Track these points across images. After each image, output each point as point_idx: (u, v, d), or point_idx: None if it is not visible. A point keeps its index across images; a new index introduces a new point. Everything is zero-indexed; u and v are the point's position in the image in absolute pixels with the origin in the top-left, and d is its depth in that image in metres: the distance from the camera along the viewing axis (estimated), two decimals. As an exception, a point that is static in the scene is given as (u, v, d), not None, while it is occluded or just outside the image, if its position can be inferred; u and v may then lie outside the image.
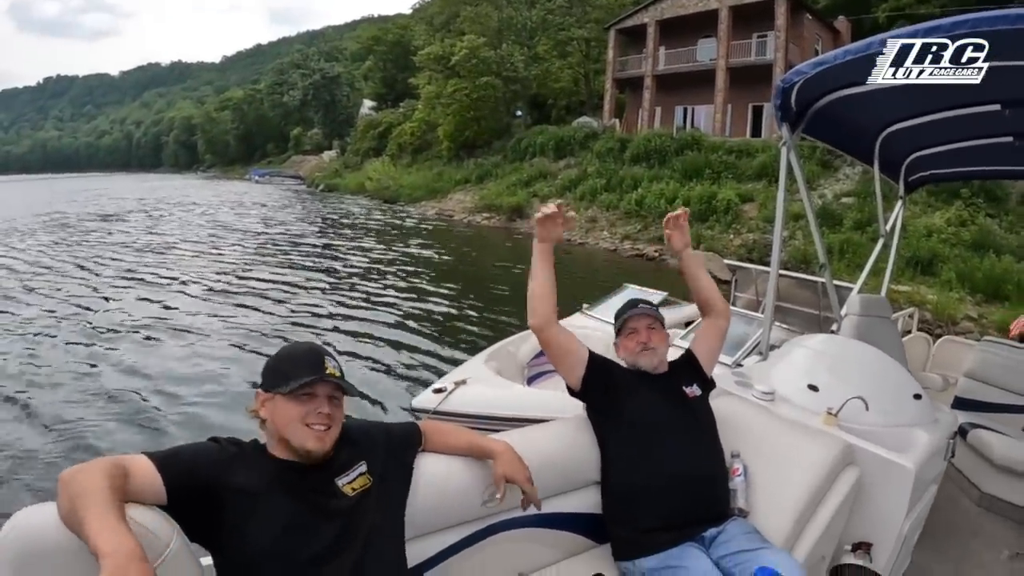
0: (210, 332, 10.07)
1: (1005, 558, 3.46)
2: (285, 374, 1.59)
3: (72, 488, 1.21)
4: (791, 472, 2.30)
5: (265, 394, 1.60)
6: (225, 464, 1.50)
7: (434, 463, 1.95)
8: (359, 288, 14.00)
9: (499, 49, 40.18)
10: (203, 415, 6.79)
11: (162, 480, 1.37)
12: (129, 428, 6.45)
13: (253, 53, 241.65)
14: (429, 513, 1.90)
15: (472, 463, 2.02)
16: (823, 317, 6.51)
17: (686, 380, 2.47)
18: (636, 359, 2.43)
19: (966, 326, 12.39)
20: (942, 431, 2.79)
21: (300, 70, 74.93)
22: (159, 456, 1.42)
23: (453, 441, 2.03)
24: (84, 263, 16.55)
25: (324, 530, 1.52)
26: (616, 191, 25.65)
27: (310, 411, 1.57)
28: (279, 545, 1.45)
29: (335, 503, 1.58)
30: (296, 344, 1.76)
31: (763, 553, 1.93)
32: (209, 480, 1.45)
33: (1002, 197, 17.76)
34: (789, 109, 3.36)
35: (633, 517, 2.19)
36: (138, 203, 37.59)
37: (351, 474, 1.65)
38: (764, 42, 29.55)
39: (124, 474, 1.30)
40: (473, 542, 2.04)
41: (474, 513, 2.03)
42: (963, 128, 3.70)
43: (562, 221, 2.28)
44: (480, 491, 2.00)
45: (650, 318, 2.49)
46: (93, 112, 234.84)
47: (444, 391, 4.71)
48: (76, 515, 1.17)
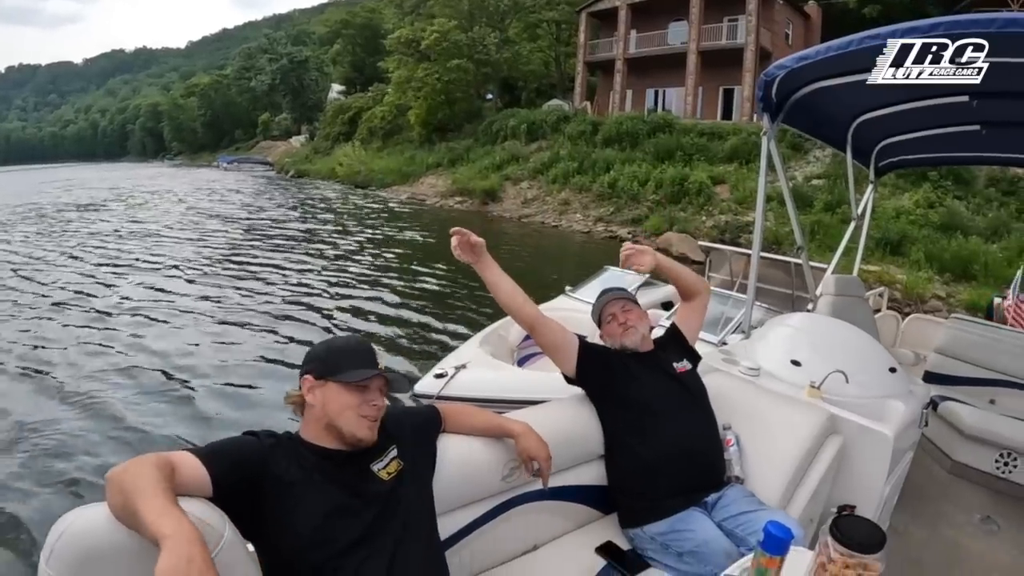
0: (214, 314, 10.23)
1: (977, 521, 3.71)
2: (340, 364, 1.66)
3: (124, 483, 1.22)
4: (781, 441, 2.48)
5: (315, 380, 1.65)
6: (266, 455, 1.54)
7: (455, 443, 2.03)
8: (346, 270, 14.08)
9: (470, 32, 39.87)
10: (225, 393, 6.98)
11: (208, 474, 1.40)
12: (168, 413, 6.52)
13: (219, 38, 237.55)
14: (453, 491, 1.98)
15: (489, 442, 2.11)
16: (796, 296, 6.75)
17: (675, 356, 2.61)
18: (621, 340, 2.56)
19: (935, 304, 12.77)
20: (916, 402, 3.01)
21: (268, 55, 73.38)
22: (203, 451, 1.45)
23: (472, 422, 2.12)
24: (73, 252, 16.30)
25: (364, 515, 1.58)
26: (588, 174, 25.69)
27: (364, 401, 1.64)
28: (322, 532, 1.50)
29: (373, 488, 1.64)
30: (348, 337, 1.84)
31: (762, 513, 2.10)
32: (253, 472, 1.49)
33: (970, 180, 18.20)
34: (770, 100, 3.52)
35: (639, 488, 2.35)
36: (111, 193, 36.73)
37: (385, 459, 1.71)
38: (735, 26, 29.79)
39: (172, 468, 1.32)
40: (493, 516, 2.15)
41: (494, 489, 2.14)
42: (932, 117, 3.90)
43: (471, 242, 2.29)
44: (499, 468, 2.12)
45: (622, 300, 2.64)
46: (57, 101, 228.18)
47: (445, 376, 4.83)
48: (131, 508, 1.18)
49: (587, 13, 36.80)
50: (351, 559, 1.52)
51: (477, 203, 28.45)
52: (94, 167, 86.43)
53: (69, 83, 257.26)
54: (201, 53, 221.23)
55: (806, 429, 2.51)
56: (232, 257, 15.64)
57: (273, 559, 1.50)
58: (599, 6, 36.03)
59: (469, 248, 2.27)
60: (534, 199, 26.64)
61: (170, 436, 5.91)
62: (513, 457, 2.12)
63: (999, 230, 15.79)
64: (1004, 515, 3.78)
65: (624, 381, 2.47)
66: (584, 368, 2.48)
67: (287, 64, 69.80)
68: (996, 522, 3.70)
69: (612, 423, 2.47)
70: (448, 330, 9.25)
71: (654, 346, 2.63)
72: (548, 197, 26.08)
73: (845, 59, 2.90)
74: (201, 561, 1.11)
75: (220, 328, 9.47)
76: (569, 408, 2.53)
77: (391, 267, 14.53)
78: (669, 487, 2.29)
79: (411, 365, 7.62)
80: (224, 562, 1.28)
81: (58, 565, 1.18)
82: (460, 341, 6.62)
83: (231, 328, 9.47)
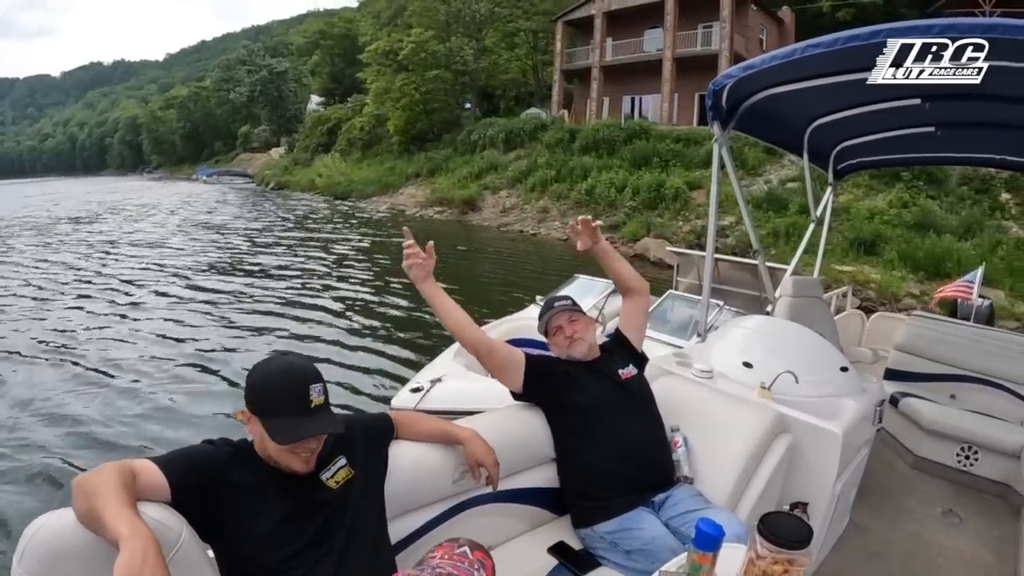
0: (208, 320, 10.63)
1: (939, 514, 3.79)
2: (271, 407, 1.61)
3: (87, 488, 1.30)
4: (730, 441, 2.53)
5: (250, 413, 1.63)
6: (222, 464, 1.60)
7: (407, 449, 2.10)
8: (324, 281, 14.48)
9: (448, 42, 39.99)
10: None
11: (166, 480, 1.47)
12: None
13: (198, 49, 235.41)
14: (406, 494, 2.04)
15: (441, 448, 2.18)
16: (763, 297, 6.84)
17: (620, 362, 2.65)
18: (568, 352, 2.61)
19: (909, 303, 12.90)
20: (869, 400, 3.06)
21: (246, 66, 73.19)
22: (162, 459, 1.53)
23: (423, 428, 2.19)
24: (86, 263, 16.68)
25: (312, 521, 1.65)
26: (566, 181, 25.86)
27: (295, 449, 1.63)
28: (273, 536, 1.58)
29: (321, 495, 1.70)
30: (287, 366, 1.70)
31: (706, 512, 2.16)
32: (209, 479, 1.56)
33: (942, 179, 18.45)
34: (720, 108, 3.59)
35: (589, 490, 2.40)
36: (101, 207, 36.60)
37: (332, 469, 1.76)
38: (710, 32, 30.06)
39: (132, 475, 1.40)
40: (446, 519, 2.19)
41: (445, 492, 2.19)
42: (887, 120, 3.99)
43: (422, 254, 2.29)
44: (450, 473, 2.17)
45: (567, 312, 2.65)
46: (35, 115, 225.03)
47: (421, 389, 4.90)
48: (94, 512, 1.26)
49: (564, 22, 37.01)
50: (302, 561, 1.60)
51: (457, 212, 28.52)
52: (74, 181, 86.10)
53: (47, 96, 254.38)
54: (179, 64, 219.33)
55: (755, 429, 2.56)
56: (232, 266, 16.30)
57: (230, 560, 1.58)
58: (576, 15, 36.25)
59: (424, 258, 2.28)
60: (513, 207, 26.75)
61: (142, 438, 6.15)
62: (463, 461, 2.17)
63: (972, 228, 16.01)
64: (966, 507, 3.86)
65: (570, 391, 2.51)
66: (531, 382, 2.52)
67: (266, 75, 69.56)
68: (958, 515, 3.77)
69: (560, 430, 2.53)
70: (418, 344, 9.25)
71: (601, 352, 2.68)
72: (527, 205, 26.22)
73: (791, 66, 2.96)
74: (154, 559, 1.18)
75: (208, 332, 9.80)
76: (520, 413, 2.58)
77: (367, 279, 14.64)
78: (617, 489, 2.34)
79: (384, 380, 7.66)
80: (182, 562, 1.38)
81: (29, 565, 1.26)
82: (431, 356, 6.62)
83: (215, 333, 9.77)
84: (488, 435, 2.20)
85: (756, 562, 1.31)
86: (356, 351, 8.99)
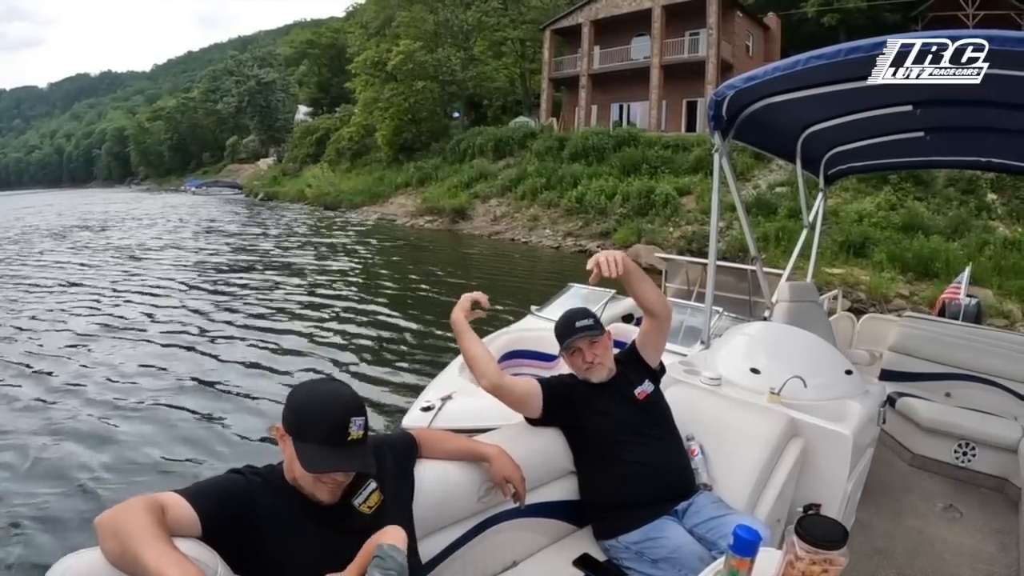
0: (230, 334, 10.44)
1: (939, 510, 3.85)
2: (307, 431, 1.58)
3: (117, 528, 1.25)
4: (745, 447, 2.57)
5: (285, 431, 1.62)
6: (252, 493, 1.56)
7: (432, 468, 2.07)
8: (325, 293, 14.14)
9: (436, 52, 40.07)
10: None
11: (196, 514, 1.42)
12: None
13: (185, 60, 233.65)
14: (432, 514, 2.02)
15: (464, 465, 2.16)
16: (753, 302, 6.91)
17: (636, 380, 2.62)
18: (586, 375, 2.57)
19: (898, 303, 13.07)
20: (873, 400, 3.14)
21: (234, 77, 72.69)
22: (189, 492, 1.47)
23: (447, 447, 2.16)
24: (77, 273, 16.55)
25: (350, 550, 1.56)
26: (556, 189, 25.93)
27: (322, 479, 1.60)
28: (308, 567, 1.52)
29: (355, 523, 1.66)
30: (329, 394, 1.66)
31: (730, 517, 2.19)
32: (239, 510, 1.51)
33: (929, 181, 18.69)
34: (721, 118, 3.64)
35: (611, 506, 2.42)
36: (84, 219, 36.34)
37: (363, 493, 1.72)
38: (697, 39, 30.37)
39: (161, 509, 1.35)
40: (472, 536, 2.19)
41: (471, 510, 2.19)
42: (877, 126, 4.07)
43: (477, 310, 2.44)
44: (475, 490, 2.17)
45: (588, 336, 2.53)
46: (22, 126, 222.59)
47: (432, 408, 4.78)
48: (130, 553, 1.21)
49: (551, 30, 37.19)
50: None
51: (447, 221, 28.56)
52: (62, 193, 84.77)
53: (33, 107, 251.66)
54: (166, 76, 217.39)
55: (768, 434, 2.61)
56: (228, 279, 15.90)
57: None
58: (563, 23, 36.47)
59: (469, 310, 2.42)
60: (503, 216, 26.82)
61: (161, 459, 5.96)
62: (488, 478, 2.18)
63: (959, 228, 16.26)
64: (965, 502, 3.93)
65: (587, 415, 2.51)
66: (549, 409, 2.50)
67: (254, 86, 69.20)
68: (958, 509, 3.84)
69: (580, 451, 2.55)
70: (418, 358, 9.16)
71: (616, 365, 2.64)
72: (517, 213, 26.30)
73: (792, 77, 3.02)
74: None
75: (221, 349, 9.61)
76: (537, 427, 2.59)
77: (367, 291, 14.35)
78: (638, 502, 2.36)
79: (395, 396, 7.52)
80: None
81: None
82: (438, 369, 6.52)
83: (231, 347, 9.67)
84: (510, 451, 2.21)
85: (795, 563, 1.34)
86: (361, 364, 8.96)
